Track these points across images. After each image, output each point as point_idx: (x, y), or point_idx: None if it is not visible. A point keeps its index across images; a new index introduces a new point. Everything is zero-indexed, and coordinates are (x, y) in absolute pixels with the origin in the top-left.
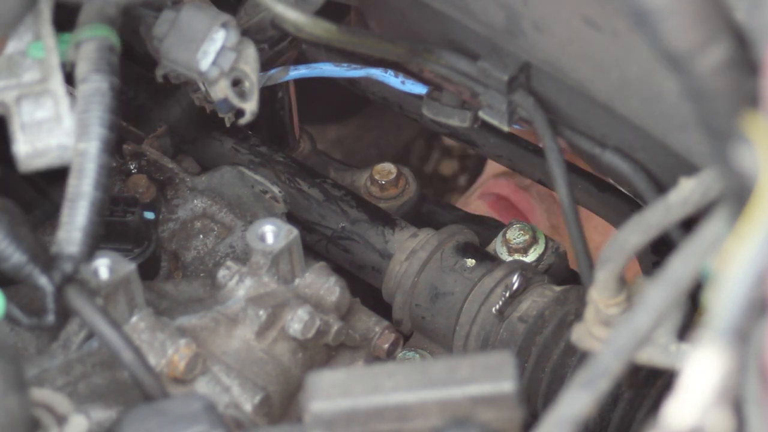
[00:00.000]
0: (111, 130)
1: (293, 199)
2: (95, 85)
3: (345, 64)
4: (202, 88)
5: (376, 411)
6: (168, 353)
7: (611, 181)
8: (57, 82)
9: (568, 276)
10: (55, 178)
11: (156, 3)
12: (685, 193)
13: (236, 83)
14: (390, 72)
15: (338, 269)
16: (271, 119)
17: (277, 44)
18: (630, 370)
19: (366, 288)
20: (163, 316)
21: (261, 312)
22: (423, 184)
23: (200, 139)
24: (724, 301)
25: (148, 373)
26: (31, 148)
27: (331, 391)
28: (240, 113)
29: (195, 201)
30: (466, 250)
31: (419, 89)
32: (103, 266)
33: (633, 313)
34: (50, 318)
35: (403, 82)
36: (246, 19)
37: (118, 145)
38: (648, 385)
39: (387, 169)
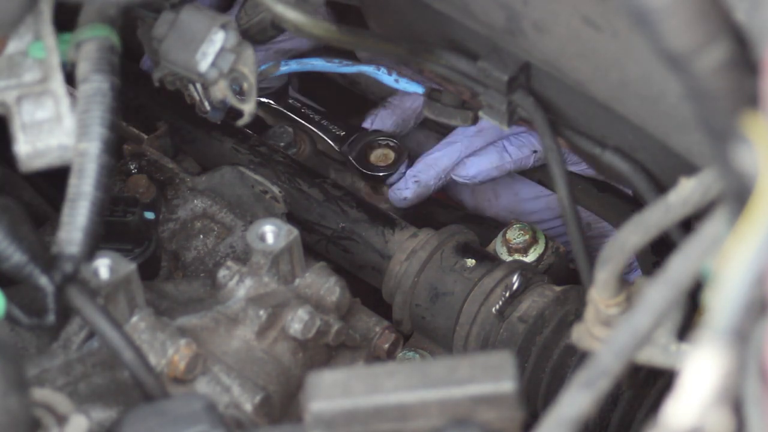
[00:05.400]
0: (112, 130)
1: (293, 199)
2: (96, 85)
3: (336, 60)
4: (196, 96)
5: (376, 411)
6: (168, 353)
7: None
8: (57, 82)
9: (568, 276)
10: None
11: (155, 4)
12: (685, 193)
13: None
14: (383, 69)
15: (338, 269)
16: None
17: None
18: (630, 370)
19: (366, 288)
20: (164, 316)
21: (261, 312)
22: None
23: (200, 139)
24: (724, 301)
25: (149, 373)
26: (32, 148)
27: (331, 391)
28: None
29: (195, 201)
30: (466, 250)
31: (413, 87)
32: (103, 266)
33: (633, 313)
34: (50, 318)
35: (396, 80)
36: (246, 19)
37: (118, 145)
38: (648, 385)
39: None
